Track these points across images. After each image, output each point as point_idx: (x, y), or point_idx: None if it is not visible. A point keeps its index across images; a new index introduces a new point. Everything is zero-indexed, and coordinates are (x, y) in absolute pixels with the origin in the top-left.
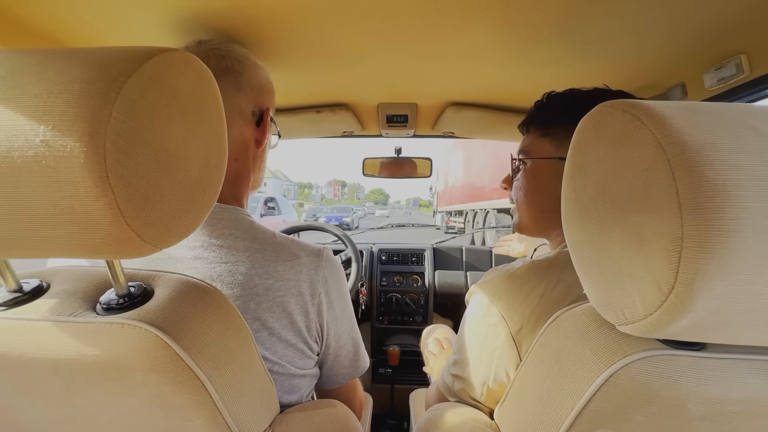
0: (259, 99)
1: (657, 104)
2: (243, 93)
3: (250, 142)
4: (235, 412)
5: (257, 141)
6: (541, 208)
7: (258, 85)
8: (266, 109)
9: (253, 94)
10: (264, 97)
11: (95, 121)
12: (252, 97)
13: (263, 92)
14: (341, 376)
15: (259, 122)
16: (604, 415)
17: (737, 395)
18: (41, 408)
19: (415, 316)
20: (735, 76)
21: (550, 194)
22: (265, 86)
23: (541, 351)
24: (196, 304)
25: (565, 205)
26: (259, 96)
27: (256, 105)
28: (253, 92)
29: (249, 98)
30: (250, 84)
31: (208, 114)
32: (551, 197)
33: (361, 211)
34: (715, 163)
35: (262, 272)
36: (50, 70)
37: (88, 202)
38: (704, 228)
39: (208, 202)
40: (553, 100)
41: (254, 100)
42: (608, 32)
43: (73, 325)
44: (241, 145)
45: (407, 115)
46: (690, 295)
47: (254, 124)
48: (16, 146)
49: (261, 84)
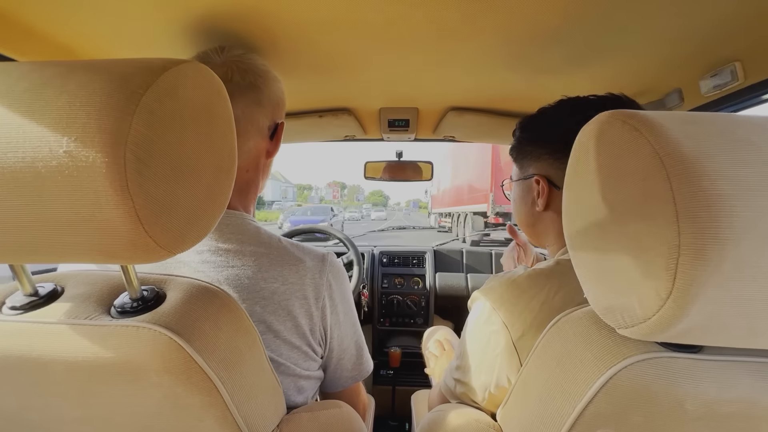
0: (276, 113)
1: (655, 115)
2: (263, 109)
3: (262, 154)
4: (245, 412)
5: (268, 152)
6: (524, 223)
7: (275, 99)
8: (281, 123)
9: (271, 108)
10: (279, 111)
11: (116, 132)
12: (270, 112)
13: (279, 106)
14: (344, 380)
15: (272, 135)
16: (605, 415)
17: (732, 396)
18: (57, 408)
19: (416, 318)
20: (730, 83)
21: (524, 209)
22: (280, 100)
23: (543, 353)
24: (207, 307)
25: (566, 212)
26: (276, 110)
27: (272, 120)
28: (271, 107)
29: (267, 113)
30: (269, 99)
31: (219, 122)
32: (527, 212)
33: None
34: (710, 174)
35: (268, 276)
36: (71, 83)
37: (108, 209)
38: (700, 236)
39: (218, 209)
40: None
41: (271, 115)
42: (607, 39)
43: (90, 328)
44: (254, 158)
45: (408, 119)
46: (687, 301)
47: (268, 138)
48: (41, 157)
49: (278, 98)
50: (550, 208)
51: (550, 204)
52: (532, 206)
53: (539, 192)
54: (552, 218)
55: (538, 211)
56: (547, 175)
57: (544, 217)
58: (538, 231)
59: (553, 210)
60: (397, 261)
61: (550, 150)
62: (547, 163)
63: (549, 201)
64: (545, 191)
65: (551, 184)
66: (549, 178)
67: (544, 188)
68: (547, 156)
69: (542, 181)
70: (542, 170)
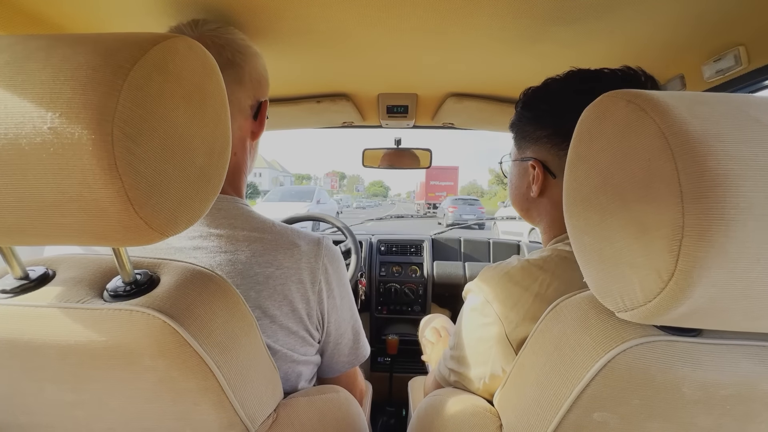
0: (258, 91)
1: (661, 95)
2: (243, 87)
3: (247, 135)
4: (241, 397)
5: (253, 133)
6: (519, 206)
7: (257, 77)
8: (263, 101)
9: (252, 87)
10: (262, 89)
11: (103, 108)
12: (251, 91)
13: (261, 84)
14: (341, 364)
15: (256, 115)
16: (602, 398)
17: (730, 379)
18: (51, 393)
19: (413, 306)
20: (734, 68)
21: (519, 193)
22: (263, 77)
23: (540, 338)
24: (202, 292)
25: (567, 195)
26: (258, 89)
27: (254, 98)
28: (252, 85)
29: (249, 92)
30: (250, 77)
31: (212, 102)
32: (521, 196)
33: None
34: (717, 153)
35: (262, 261)
36: (55, 57)
37: (96, 189)
38: (705, 217)
39: (212, 191)
40: (521, 101)
41: (253, 94)
42: (609, 23)
43: (82, 311)
44: (240, 139)
45: (407, 105)
46: (689, 283)
47: (252, 118)
48: (24, 133)
49: (260, 75)
50: (544, 195)
51: (544, 191)
52: (527, 190)
53: (534, 177)
54: (545, 206)
55: (533, 197)
56: (544, 160)
57: (538, 204)
58: (531, 216)
59: (547, 197)
60: (395, 249)
61: (550, 133)
62: (545, 147)
63: (543, 188)
64: (539, 178)
65: (547, 171)
66: (545, 164)
67: (539, 174)
68: (546, 140)
69: (538, 166)
70: (540, 154)
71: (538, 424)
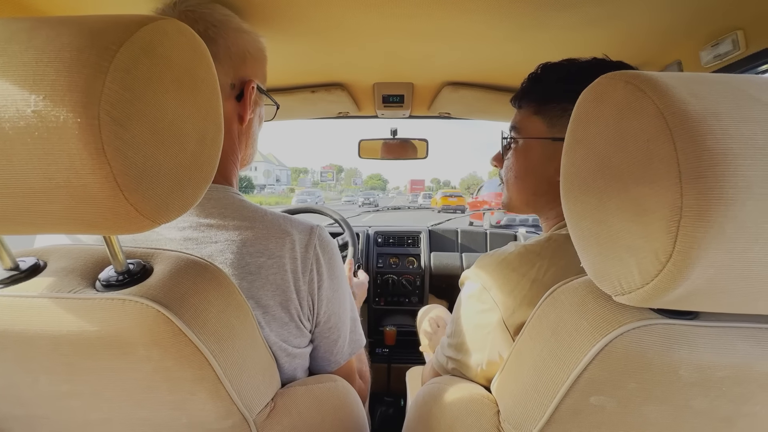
0: (240, 69)
1: (660, 75)
2: (218, 63)
3: (232, 118)
4: (238, 386)
5: (240, 117)
6: (532, 191)
7: (239, 53)
8: (248, 81)
9: (231, 64)
10: (246, 67)
11: (88, 90)
12: (230, 68)
13: (245, 61)
14: (339, 355)
15: (239, 97)
16: (599, 382)
17: (726, 361)
18: (45, 384)
19: (411, 297)
20: (732, 53)
21: (540, 177)
22: (249, 54)
23: (538, 323)
24: (196, 281)
25: (564, 179)
26: (240, 66)
27: (235, 77)
28: (231, 62)
29: (226, 69)
30: (228, 53)
31: (203, 87)
32: (542, 180)
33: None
34: (716, 132)
35: (254, 250)
36: (38, 38)
37: (84, 175)
38: (704, 197)
39: (205, 179)
40: (548, 73)
41: (233, 72)
42: (606, 10)
43: (74, 301)
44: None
45: (403, 95)
46: (687, 264)
47: (234, 99)
48: (7, 117)
49: (243, 52)
50: None
51: None
52: (555, 174)
53: None
54: None
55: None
56: None
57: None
58: (541, 202)
59: None
60: (392, 241)
61: None
62: None
63: None
64: None
65: None
66: None
67: None
68: None
69: None
70: None
71: (535, 409)
